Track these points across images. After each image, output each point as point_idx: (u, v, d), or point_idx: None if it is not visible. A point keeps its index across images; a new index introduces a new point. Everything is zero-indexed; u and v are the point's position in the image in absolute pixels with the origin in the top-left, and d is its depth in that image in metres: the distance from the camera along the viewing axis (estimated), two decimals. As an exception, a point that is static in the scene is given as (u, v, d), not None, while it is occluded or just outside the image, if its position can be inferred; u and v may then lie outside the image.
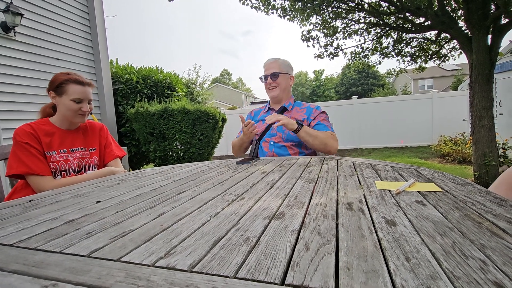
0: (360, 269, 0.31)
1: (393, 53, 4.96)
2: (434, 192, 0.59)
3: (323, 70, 38.04)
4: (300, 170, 0.93)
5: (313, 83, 37.80)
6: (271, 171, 0.96)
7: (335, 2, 3.53)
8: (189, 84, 13.43)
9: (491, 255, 0.32)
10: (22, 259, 0.38)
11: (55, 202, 0.70)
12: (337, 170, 0.91)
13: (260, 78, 1.58)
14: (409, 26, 3.67)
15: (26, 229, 0.50)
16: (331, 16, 4.04)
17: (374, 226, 0.43)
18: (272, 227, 0.45)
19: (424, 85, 28.48)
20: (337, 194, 0.62)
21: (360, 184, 0.70)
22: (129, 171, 4.25)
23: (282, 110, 1.54)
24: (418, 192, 0.60)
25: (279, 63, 1.55)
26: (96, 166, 1.44)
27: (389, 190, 0.62)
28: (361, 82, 32.05)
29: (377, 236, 0.39)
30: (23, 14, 2.88)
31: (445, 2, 3.32)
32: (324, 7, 3.75)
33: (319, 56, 4.10)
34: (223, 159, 1.37)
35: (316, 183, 0.73)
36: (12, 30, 2.85)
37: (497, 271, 0.29)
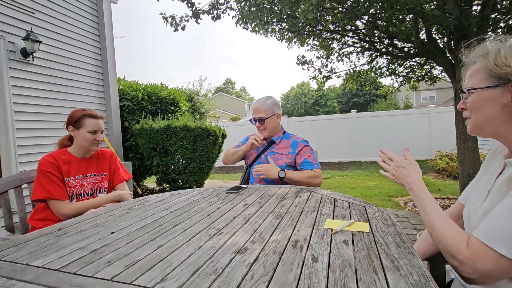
0: (277, 294, 0.51)
1: (386, 72, 5.20)
2: (363, 232, 0.79)
3: (325, 80, 38.46)
4: (275, 204, 1.14)
5: (316, 93, 38.18)
6: (251, 203, 1.16)
7: (329, 29, 3.79)
8: (193, 95, 13.77)
9: (360, 287, 0.52)
10: (68, 281, 0.59)
11: (79, 231, 0.90)
12: (305, 204, 1.11)
13: (250, 120, 1.80)
14: (398, 52, 3.91)
15: (64, 256, 0.71)
16: (327, 38, 4.31)
17: (303, 262, 0.63)
18: (235, 260, 0.65)
19: (426, 97, 28.63)
20: (292, 231, 0.82)
21: (314, 221, 0.90)
22: (134, 188, 4.41)
23: (271, 143, 1.77)
24: (352, 231, 0.80)
25: (265, 107, 1.75)
26: (105, 189, 1.66)
27: (332, 229, 0.82)
28: (363, 93, 32.35)
29: (301, 270, 0.59)
30: (41, 41, 3.17)
31: (432, 32, 3.56)
32: (319, 32, 4.01)
33: (314, 78, 4.35)
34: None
35: (281, 219, 0.94)
36: (31, 56, 3.13)
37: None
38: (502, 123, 0.68)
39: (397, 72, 5.19)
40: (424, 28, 3.68)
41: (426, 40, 3.57)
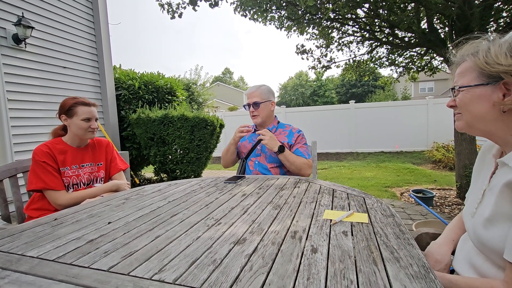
0: (276, 285, 0.50)
1: (386, 63, 5.14)
2: (362, 223, 0.78)
3: (325, 70, 38.09)
4: (274, 194, 1.13)
5: (314, 83, 37.88)
6: (250, 193, 1.16)
7: (329, 18, 3.71)
8: (190, 84, 13.59)
9: (359, 278, 0.52)
10: (64, 272, 0.58)
11: (75, 221, 0.89)
12: (304, 195, 1.10)
13: (244, 106, 1.77)
14: (399, 42, 3.86)
15: (60, 247, 0.70)
16: (327, 27, 4.23)
17: (302, 253, 0.62)
18: (233, 251, 0.64)
19: (424, 88, 28.54)
20: (291, 222, 0.81)
21: (313, 212, 0.90)
22: (131, 177, 4.39)
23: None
24: (351, 222, 0.79)
25: (260, 91, 1.73)
26: (102, 179, 1.64)
27: (331, 220, 0.81)
28: (361, 84, 32.16)
29: (300, 261, 0.59)
30: (34, 27, 3.07)
31: (434, 22, 3.49)
32: (318, 20, 3.93)
33: (313, 67, 4.29)
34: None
35: (280, 210, 0.93)
36: (23, 42, 3.05)
37: (358, 288, 0.49)
38: (493, 121, 0.68)
39: (396, 62, 5.14)
40: (425, 18, 3.62)
41: (427, 30, 3.51)
